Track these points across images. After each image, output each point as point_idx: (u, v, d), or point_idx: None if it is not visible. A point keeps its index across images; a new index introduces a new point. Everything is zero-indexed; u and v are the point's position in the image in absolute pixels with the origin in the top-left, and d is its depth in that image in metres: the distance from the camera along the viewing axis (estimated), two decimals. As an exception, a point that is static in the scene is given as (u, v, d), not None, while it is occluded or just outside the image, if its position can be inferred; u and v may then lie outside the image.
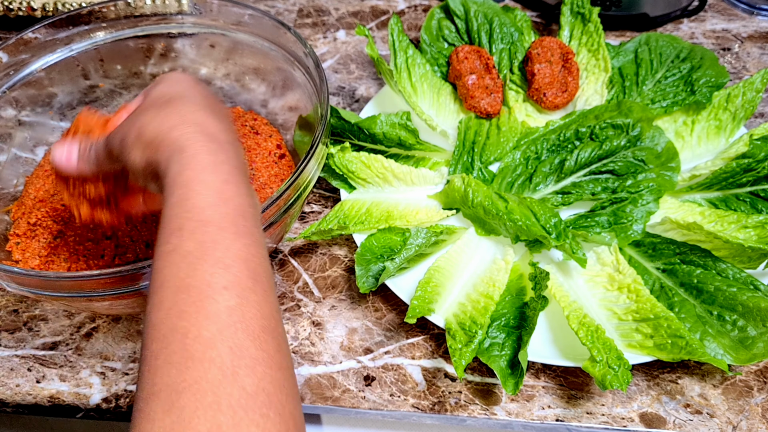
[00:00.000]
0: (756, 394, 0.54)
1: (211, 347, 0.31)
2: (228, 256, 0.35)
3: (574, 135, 0.66)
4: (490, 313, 0.54)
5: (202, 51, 0.71)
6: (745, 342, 0.53)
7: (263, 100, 0.72)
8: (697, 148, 0.69)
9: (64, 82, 0.69)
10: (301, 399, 0.55)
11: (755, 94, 0.68)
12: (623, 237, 0.60)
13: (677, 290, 0.57)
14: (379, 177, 0.65)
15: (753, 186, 0.63)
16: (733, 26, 0.89)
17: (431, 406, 0.54)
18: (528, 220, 0.58)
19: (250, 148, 0.65)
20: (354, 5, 0.94)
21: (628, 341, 0.54)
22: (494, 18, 0.76)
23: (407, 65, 0.71)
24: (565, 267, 0.60)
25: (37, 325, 0.60)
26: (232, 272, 0.34)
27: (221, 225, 0.36)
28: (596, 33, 0.74)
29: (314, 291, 0.62)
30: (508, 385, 0.51)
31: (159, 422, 0.30)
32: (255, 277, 0.35)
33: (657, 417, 0.53)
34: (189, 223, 0.35)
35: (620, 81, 0.73)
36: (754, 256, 0.56)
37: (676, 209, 0.63)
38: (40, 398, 0.55)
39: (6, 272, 0.47)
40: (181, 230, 0.35)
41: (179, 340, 0.32)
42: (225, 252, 0.35)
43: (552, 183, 0.65)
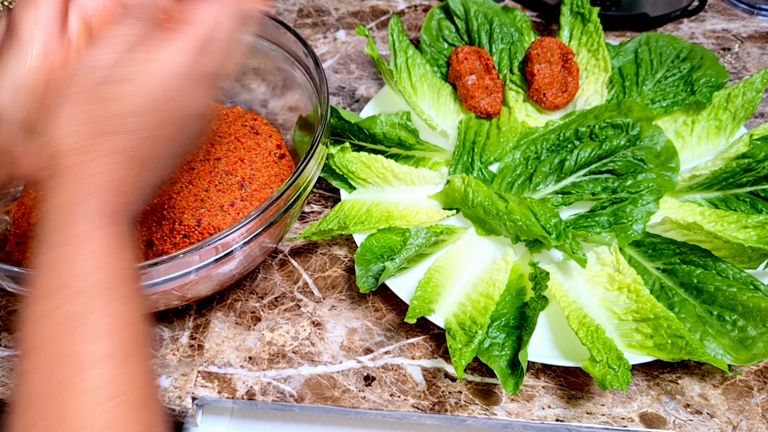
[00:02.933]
0: (756, 394, 0.54)
1: (86, 424, 0.31)
2: (103, 325, 0.33)
3: (573, 135, 0.66)
4: (490, 313, 0.54)
5: (202, 51, 0.71)
6: (745, 342, 0.53)
7: (263, 100, 0.72)
8: (697, 148, 0.69)
9: (64, 82, 0.68)
10: (301, 399, 0.55)
11: (755, 94, 0.68)
12: (623, 237, 0.60)
13: (677, 290, 0.57)
14: (379, 177, 0.65)
15: (753, 186, 0.63)
16: (733, 26, 0.89)
17: (431, 406, 0.54)
18: (528, 220, 0.58)
19: (250, 148, 0.65)
20: (354, 5, 0.94)
21: (628, 341, 0.54)
22: (494, 18, 0.76)
23: (407, 65, 0.71)
24: (565, 267, 0.60)
25: (37, 325, 0.60)
26: (110, 341, 0.33)
27: (96, 294, 0.34)
28: (596, 33, 0.74)
29: (314, 291, 0.62)
30: (508, 385, 0.51)
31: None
32: (134, 345, 0.34)
33: (657, 417, 0.53)
34: (63, 291, 0.33)
35: (620, 81, 0.73)
36: (754, 256, 0.56)
37: (676, 209, 0.63)
38: (40, 398, 0.55)
39: (6, 272, 0.47)
40: (54, 295, 0.33)
41: (55, 414, 0.31)
42: (101, 321, 0.33)
43: (552, 183, 0.65)
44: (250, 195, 0.61)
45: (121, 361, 0.33)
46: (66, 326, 0.33)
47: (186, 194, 0.59)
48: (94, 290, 0.34)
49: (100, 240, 0.34)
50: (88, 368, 0.32)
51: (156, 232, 0.58)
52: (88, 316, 0.33)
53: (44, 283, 0.34)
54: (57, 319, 0.33)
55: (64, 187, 0.35)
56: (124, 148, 0.35)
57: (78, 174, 0.35)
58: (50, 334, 0.33)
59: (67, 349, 0.32)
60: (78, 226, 0.34)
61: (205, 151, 0.64)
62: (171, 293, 0.52)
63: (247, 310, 0.60)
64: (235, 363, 0.57)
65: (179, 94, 0.36)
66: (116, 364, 0.33)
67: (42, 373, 0.32)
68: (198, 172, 0.62)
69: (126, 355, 0.33)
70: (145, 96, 0.35)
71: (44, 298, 0.34)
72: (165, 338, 0.59)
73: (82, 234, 0.34)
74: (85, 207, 0.35)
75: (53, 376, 0.32)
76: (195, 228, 0.57)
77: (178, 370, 0.56)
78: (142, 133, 0.36)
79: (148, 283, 0.47)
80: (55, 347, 0.32)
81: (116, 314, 0.34)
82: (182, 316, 0.60)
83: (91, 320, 0.33)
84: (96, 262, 0.34)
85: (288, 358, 0.57)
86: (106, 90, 0.35)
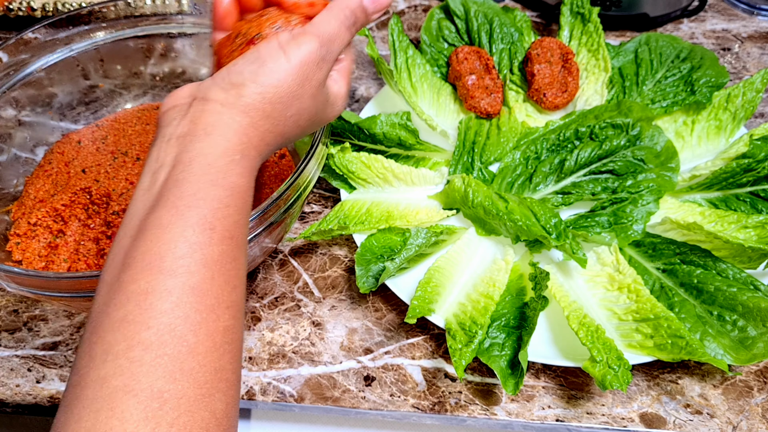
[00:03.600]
0: (756, 394, 0.54)
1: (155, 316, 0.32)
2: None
3: (573, 135, 0.66)
4: (490, 313, 0.54)
5: (202, 51, 0.71)
6: (745, 342, 0.53)
7: (263, 100, 0.72)
8: (697, 148, 0.69)
9: (64, 82, 0.69)
10: (301, 399, 0.55)
11: (755, 94, 0.68)
12: (623, 237, 0.60)
13: (677, 290, 0.57)
14: (379, 177, 0.65)
15: (753, 186, 0.63)
16: (733, 26, 0.89)
17: (431, 406, 0.54)
18: (528, 220, 0.58)
19: (250, 148, 0.65)
20: (354, 5, 0.94)
21: (628, 341, 0.54)
22: (494, 18, 0.76)
23: (407, 65, 0.71)
24: (565, 267, 0.60)
25: (37, 325, 0.60)
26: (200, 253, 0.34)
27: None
28: (596, 33, 0.74)
29: (314, 291, 0.62)
30: (508, 385, 0.51)
31: None
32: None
33: (657, 417, 0.53)
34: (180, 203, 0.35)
35: (620, 81, 0.73)
36: (754, 256, 0.56)
37: (676, 209, 0.63)
38: (40, 398, 0.55)
39: (6, 272, 0.47)
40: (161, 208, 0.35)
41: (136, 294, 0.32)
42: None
43: (552, 183, 0.65)
44: (250, 195, 0.61)
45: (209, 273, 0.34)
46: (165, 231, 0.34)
47: (186, 194, 0.59)
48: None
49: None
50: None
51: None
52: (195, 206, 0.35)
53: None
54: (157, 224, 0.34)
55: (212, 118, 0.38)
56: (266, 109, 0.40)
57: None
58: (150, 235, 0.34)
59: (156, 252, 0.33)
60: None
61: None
62: (171, 293, 0.52)
63: (247, 310, 0.60)
64: (235, 363, 0.57)
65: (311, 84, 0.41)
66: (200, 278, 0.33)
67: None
68: (198, 172, 0.62)
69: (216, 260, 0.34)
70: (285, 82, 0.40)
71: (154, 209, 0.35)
72: (165, 338, 0.59)
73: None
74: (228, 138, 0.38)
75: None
76: (195, 228, 0.57)
77: (178, 370, 0.56)
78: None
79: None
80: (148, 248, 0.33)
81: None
82: (182, 316, 0.60)
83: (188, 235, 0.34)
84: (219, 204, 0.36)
85: (288, 358, 0.57)
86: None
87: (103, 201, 0.61)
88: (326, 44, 0.41)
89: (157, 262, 0.32)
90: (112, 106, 0.72)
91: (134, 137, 0.67)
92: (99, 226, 0.60)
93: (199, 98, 0.39)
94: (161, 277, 0.32)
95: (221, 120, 0.38)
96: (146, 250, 0.33)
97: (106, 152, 0.65)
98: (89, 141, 0.67)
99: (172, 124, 0.39)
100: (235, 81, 0.39)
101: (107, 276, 0.34)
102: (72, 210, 0.61)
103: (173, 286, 0.32)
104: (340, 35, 0.42)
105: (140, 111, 0.71)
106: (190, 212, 0.34)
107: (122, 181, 0.61)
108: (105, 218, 0.59)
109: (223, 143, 0.37)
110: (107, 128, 0.69)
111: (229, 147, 0.37)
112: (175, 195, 0.35)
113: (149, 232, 0.34)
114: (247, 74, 0.39)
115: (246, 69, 0.39)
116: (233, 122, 0.38)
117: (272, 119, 0.40)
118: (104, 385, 0.29)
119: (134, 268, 0.33)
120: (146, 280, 0.32)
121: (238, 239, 0.36)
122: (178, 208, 0.34)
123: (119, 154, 0.65)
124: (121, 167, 0.63)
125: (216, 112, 0.38)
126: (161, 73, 0.73)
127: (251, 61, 0.39)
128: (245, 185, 0.38)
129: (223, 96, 0.38)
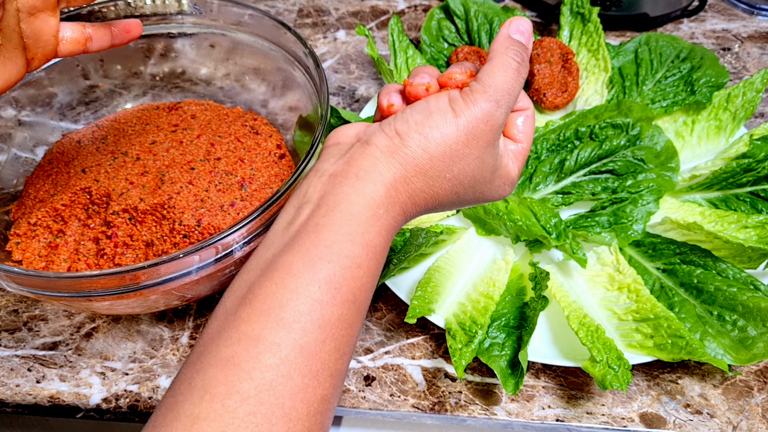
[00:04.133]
0: (756, 394, 0.54)
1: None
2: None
3: (573, 135, 0.66)
4: (490, 313, 0.54)
5: (202, 51, 0.71)
6: (745, 342, 0.53)
7: (263, 100, 0.72)
8: (697, 148, 0.69)
9: (63, 82, 0.69)
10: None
11: (755, 94, 0.68)
12: (623, 237, 0.60)
13: (677, 290, 0.57)
14: (379, 177, 0.65)
15: (753, 186, 0.63)
16: (733, 26, 0.89)
17: (431, 406, 0.54)
18: (528, 220, 0.58)
19: (250, 148, 0.65)
20: (354, 5, 0.94)
21: (628, 341, 0.54)
22: (494, 18, 0.76)
23: (407, 65, 0.71)
24: (565, 267, 0.60)
25: (37, 325, 0.60)
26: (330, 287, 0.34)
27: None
28: (596, 33, 0.74)
29: (314, 291, 0.62)
30: (508, 385, 0.51)
31: None
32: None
33: (657, 417, 0.53)
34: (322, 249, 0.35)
35: (620, 81, 0.73)
36: (754, 256, 0.56)
37: (676, 209, 0.63)
38: (40, 398, 0.55)
39: (6, 272, 0.47)
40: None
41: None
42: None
43: (552, 183, 0.65)
44: (250, 195, 0.61)
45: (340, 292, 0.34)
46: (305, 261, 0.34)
47: (186, 194, 0.59)
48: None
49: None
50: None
51: (156, 232, 0.58)
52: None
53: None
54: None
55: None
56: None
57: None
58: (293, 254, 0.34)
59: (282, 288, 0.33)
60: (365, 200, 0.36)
61: (205, 151, 0.64)
62: (171, 293, 0.52)
63: (247, 310, 0.60)
64: (235, 363, 0.57)
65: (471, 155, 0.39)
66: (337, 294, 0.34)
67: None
68: (198, 172, 0.62)
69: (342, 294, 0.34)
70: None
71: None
72: (165, 338, 0.59)
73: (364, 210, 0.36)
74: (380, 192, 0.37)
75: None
76: (195, 228, 0.57)
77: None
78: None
79: (149, 283, 0.47)
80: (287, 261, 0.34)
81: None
82: (182, 316, 0.60)
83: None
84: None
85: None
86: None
87: (103, 201, 0.61)
88: (497, 99, 0.38)
89: (276, 310, 0.32)
90: (112, 106, 0.72)
91: (134, 137, 0.67)
92: (99, 226, 0.60)
93: (362, 141, 0.38)
94: (275, 328, 0.32)
95: (376, 167, 0.37)
96: (269, 293, 0.33)
97: (106, 152, 0.65)
98: (89, 141, 0.67)
99: (329, 160, 0.38)
100: (400, 129, 0.38)
101: (227, 302, 0.34)
102: (72, 210, 0.61)
103: (284, 341, 0.32)
104: (512, 82, 0.39)
105: (140, 111, 0.71)
106: (321, 265, 0.33)
107: (122, 181, 0.61)
108: (105, 218, 0.59)
109: (371, 193, 0.36)
110: (107, 128, 0.69)
111: (375, 198, 0.36)
112: (311, 241, 0.34)
113: (277, 275, 0.33)
114: (413, 123, 0.37)
115: (412, 118, 0.38)
116: (387, 172, 0.37)
117: (428, 177, 0.38)
118: (195, 425, 0.30)
119: (253, 308, 0.33)
120: (261, 326, 0.32)
121: (360, 303, 0.35)
122: (310, 257, 0.34)
123: (119, 154, 0.65)
124: (121, 167, 0.63)
125: (373, 157, 0.37)
126: (161, 73, 0.73)
127: (419, 111, 0.38)
128: (381, 245, 0.36)
129: (385, 142, 0.37)
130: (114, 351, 0.58)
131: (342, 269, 0.34)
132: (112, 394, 0.55)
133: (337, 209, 0.35)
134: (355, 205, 0.35)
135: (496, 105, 0.38)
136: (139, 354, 0.58)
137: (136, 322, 0.60)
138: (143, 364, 0.57)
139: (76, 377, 0.56)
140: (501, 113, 0.38)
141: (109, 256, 0.57)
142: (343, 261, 0.34)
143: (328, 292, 0.33)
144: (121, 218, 0.58)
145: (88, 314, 0.60)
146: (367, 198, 0.36)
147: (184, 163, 0.62)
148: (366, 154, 0.37)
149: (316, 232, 0.34)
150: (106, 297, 0.48)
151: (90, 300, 0.49)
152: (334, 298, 0.33)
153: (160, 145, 0.65)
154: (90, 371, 0.57)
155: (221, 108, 0.71)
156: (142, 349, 0.58)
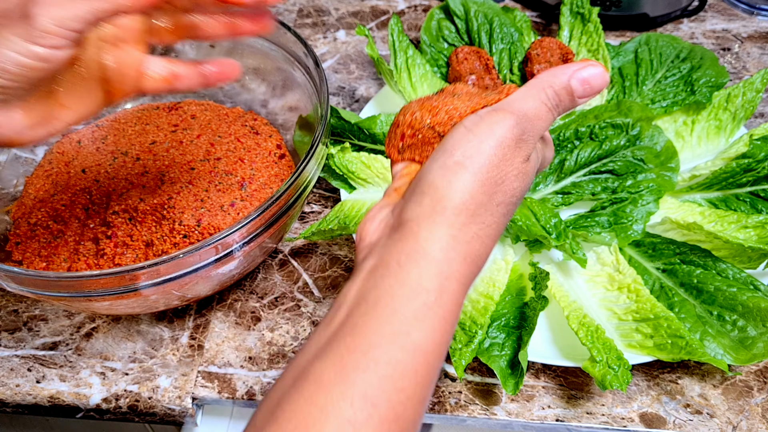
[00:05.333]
0: (756, 394, 0.54)
1: None
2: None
3: (573, 135, 0.66)
4: (490, 313, 0.54)
5: (202, 51, 0.71)
6: (745, 342, 0.53)
7: (263, 100, 0.72)
8: (697, 148, 0.69)
9: (64, 82, 0.68)
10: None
11: (755, 94, 0.68)
12: (623, 237, 0.60)
13: (677, 290, 0.57)
14: (380, 177, 0.65)
15: (753, 186, 0.63)
16: (733, 26, 0.89)
17: (431, 406, 0.54)
18: (528, 220, 0.58)
19: (250, 148, 0.66)
20: (354, 5, 0.94)
21: (628, 341, 0.54)
22: (494, 18, 0.76)
23: (407, 65, 0.71)
24: (565, 267, 0.60)
25: (37, 325, 0.60)
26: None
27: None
28: (596, 33, 0.74)
29: (314, 291, 0.62)
30: (508, 385, 0.51)
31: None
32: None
33: (657, 417, 0.53)
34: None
35: (620, 81, 0.73)
36: (754, 256, 0.56)
37: (676, 209, 0.63)
38: (40, 398, 0.55)
39: (6, 272, 0.47)
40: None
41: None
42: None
43: (552, 183, 0.65)
44: (250, 195, 0.61)
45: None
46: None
47: (186, 194, 0.59)
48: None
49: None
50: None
51: (156, 232, 0.58)
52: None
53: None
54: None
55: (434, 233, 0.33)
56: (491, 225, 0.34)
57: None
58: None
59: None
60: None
61: (205, 151, 0.64)
62: (171, 293, 0.52)
63: (247, 310, 0.60)
64: (235, 363, 0.57)
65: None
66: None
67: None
68: (198, 172, 0.62)
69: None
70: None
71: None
72: (165, 338, 0.59)
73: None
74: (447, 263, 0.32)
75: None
76: (195, 228, 0.57)
77: (178, 370, 0.56)
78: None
79: (149, 283, 0.47)
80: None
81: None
82: (182, 316, 0.60)
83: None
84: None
85: (288, 358, 0.57)
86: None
87: (103, 201, 0.61)
88: (523, 122, 0.34)
89: (302, 430, 0.28)
90: (112, 106, 0.72)
91: (134, 137, 0.67)
92: (99, 226, 0.60)
93: (392, 225, 0.34)
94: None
95: (417, 244, 0.32)
96: (297, 409, 0.29)
97: (106, 152, 0.65)
98: (89, 141, 0.67)
99: (366, 257, 0.34)
100: (425, 189, 0.33)
101: (258, 416, 0.31)
102: (72, 210, 0.61)
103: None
104: (540, 115, 0.34)
105: (140, 111, 0.71)
106: (356, 375, 0.29)
107: (122, 181, 0.61)
108: (105, 218, 0.59)
109: (416, 277, 0.31)
110: (107, 128, 0.69)
111: (422, 283, 0.31)
112: (346, 344, 0.30)
113: (307, 386, 0.29)
114: (437, 173, 0.33)
115: (434, 167, 0.33)
116: (432, 243, 0.32)
117: (479, 217, 0.33)
118: None
119: (280, 424, 0.29)
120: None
121: (404, 421, 0.29)
122: (344, 365, 0.29)
123: (119, 154, 0.65)
124: (121, 167, 0.63)
125: (412, 234, 0.32)
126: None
127: (435, 158, 0.34)
128: (433, 345, 0.31)
129: (418, 210, 0.32)
130: (114, 351, 0.58)
131: (380, 380, 0.29)
132: (112, 394, 0.55)
133: (378, 306, 0.30)
134: (399, 298, 0.30)
135: (515, 120, 0.34)
136: (139, 354, 0.58)
137: (136, 322, 0.60)
138: (143, 364, 0.57)
139: (76, 377, 0.56)
140: (522, 122, 0.34)
141: (109, 256, 0.57)
142: (382, 369, 0.29)
143: (363, 410, 0.28)
144: (120, 218, 0.58)
145: (88, 314, 0.60)
146: (412, 286, 0.31)
147: (184, 163, 0.62)
148: (404, 234, 0.32)
149: (353, 335, 0.30)
150: (106, 297, 0.48)
151: (90, 300, 0.49)
152: (371, 417, 0.28)
153: (160, 145, 0.65)
154: (90, 371, 0.57)
155: (221, 108, 0.71)
156: (142, 349, 0.58)
